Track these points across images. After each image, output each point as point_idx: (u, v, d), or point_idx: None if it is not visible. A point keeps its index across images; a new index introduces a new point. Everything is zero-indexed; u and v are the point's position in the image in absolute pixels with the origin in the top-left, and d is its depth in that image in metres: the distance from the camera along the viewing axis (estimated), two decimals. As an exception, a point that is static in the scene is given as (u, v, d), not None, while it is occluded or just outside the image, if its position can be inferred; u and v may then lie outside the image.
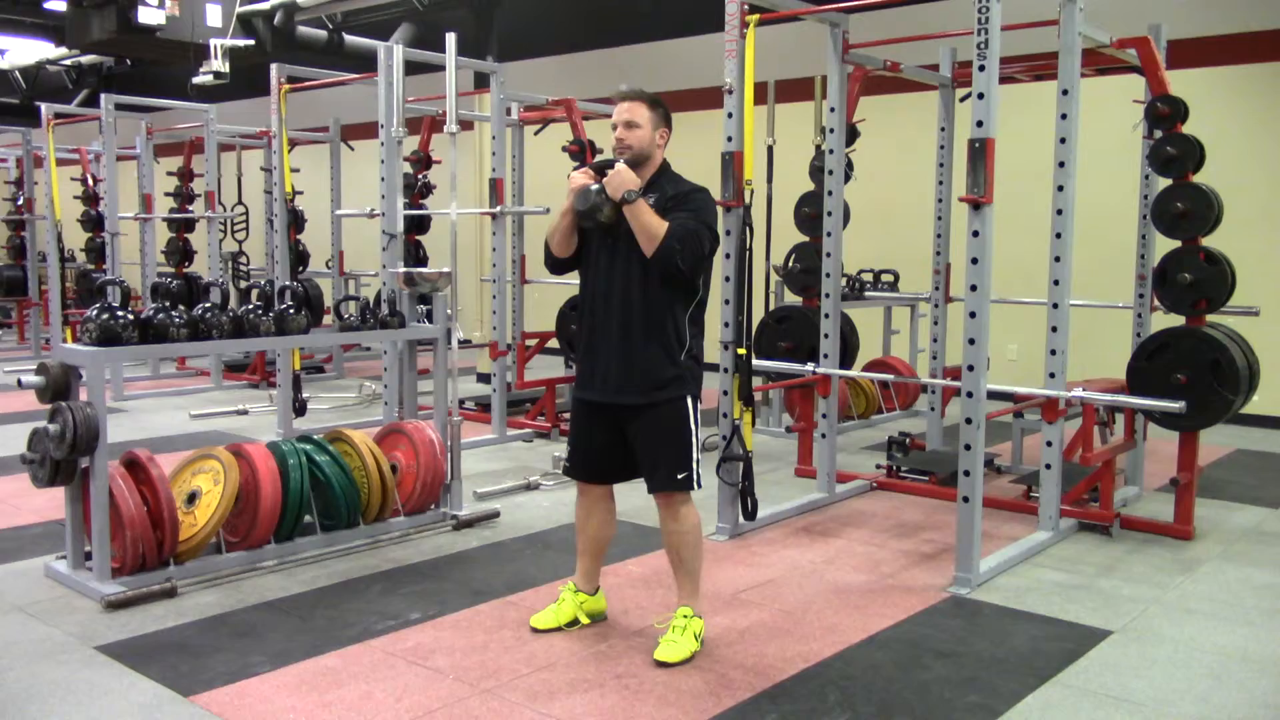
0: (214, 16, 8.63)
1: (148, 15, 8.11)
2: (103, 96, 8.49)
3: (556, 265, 3.66)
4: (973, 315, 4.10)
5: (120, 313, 4.12)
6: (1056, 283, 4.75)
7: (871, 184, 7.37)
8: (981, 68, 4.00)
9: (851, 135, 6.22)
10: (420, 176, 8.37)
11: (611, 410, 3.53)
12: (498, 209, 6.98)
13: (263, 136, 9.73)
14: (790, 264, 6.82)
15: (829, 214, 5.44)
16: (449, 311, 5.19)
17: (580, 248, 3.58)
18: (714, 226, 3.48)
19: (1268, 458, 6.85)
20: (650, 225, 3.34)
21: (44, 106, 9.23)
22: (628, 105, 3.50)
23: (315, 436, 4.77)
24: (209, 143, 9.19)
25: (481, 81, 8.56)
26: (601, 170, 3.44)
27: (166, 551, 4.10)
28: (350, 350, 10.78)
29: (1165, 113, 5.00)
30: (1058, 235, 4.71)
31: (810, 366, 5.48)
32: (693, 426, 3.51)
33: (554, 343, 8.46)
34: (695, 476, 3.50)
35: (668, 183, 3.50)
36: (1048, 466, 4.85)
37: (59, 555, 4.29)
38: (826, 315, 5.50)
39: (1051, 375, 4.80)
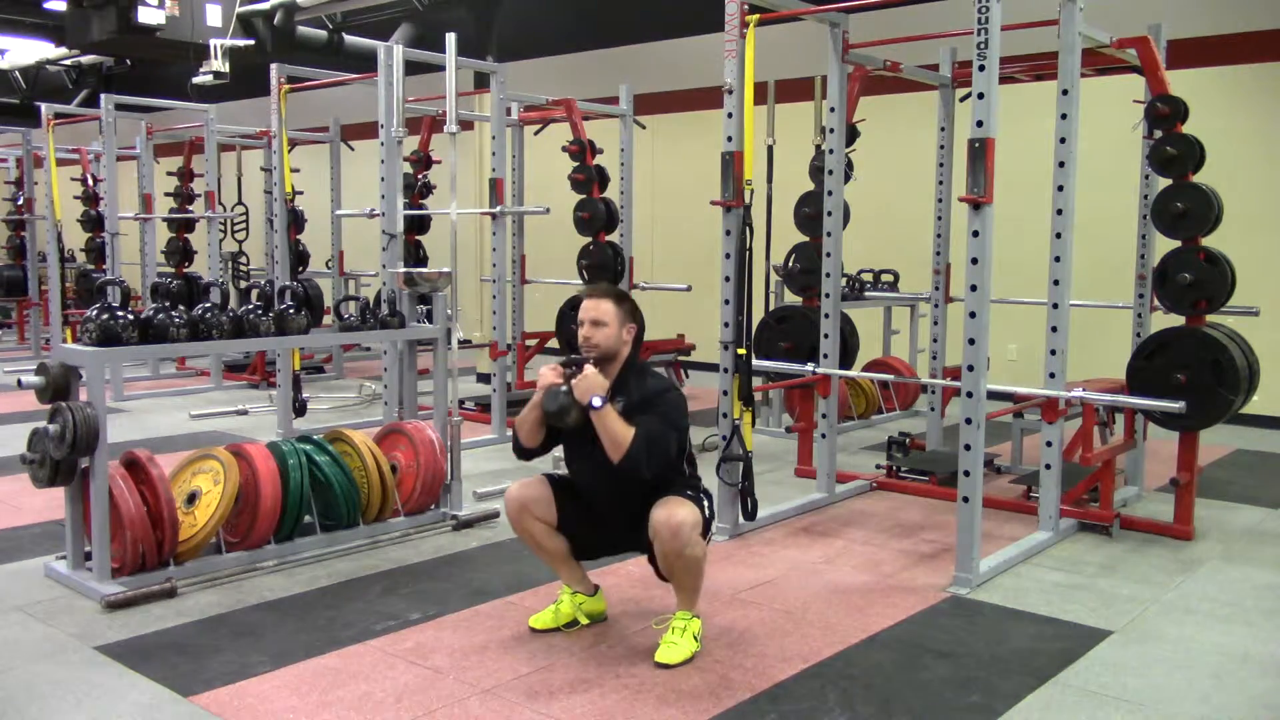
0: (214, 16, 8.64)
1: (148, 15, 8.12)
2: (103, 96, 8.49)
3: (525, 454, 3.70)
4: (973, 315, 4.10)
5: (120, 313, 4.12)
6: (1056, 283, 4.75)
7: (871, 184, 7.36)
8: (981, 68, 4.01)
9: (851, 135, 6.22)
10: (420, 176, 8.38)
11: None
12: (498, 209, 6.98)
13: (263, 136, 9.73)
14: (790, 264, 6.81)
15: (829, 214, 5.44)
16: (449, 311, 5.19)
17: (555, 436, 3.63)
18: (682, 426, 3.49)
19: (1268, 458, 6.85)
20: (615, 433, 3.34)
21: (44, 106, 9.23)
22: (593, 303, 3.53)
23: (315, 436, 4.77)
24: (209, 143, 9.19)
25: (481, 81, 8.56)
26: (571, 369, 3.46)
27: (166, 551, 4.10)
28: (350, 350, 10.77)
29: (1165, 113, 5.00)
30: (1058, 235, 4.71)
31: (810, 366, 5.48)
32: (704, 501, 3.50)
33: (554, 343, 8.46)
34: (706, 509, 3.47)
35: (635, 381, 3.52)
36: (1048, 466, 4.85)
37: (59, 555, 4.29)
38: (826, 315, 5.50)
39: (1051, 375, 4.80)
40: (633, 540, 3.56)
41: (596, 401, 3.36)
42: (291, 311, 4.64)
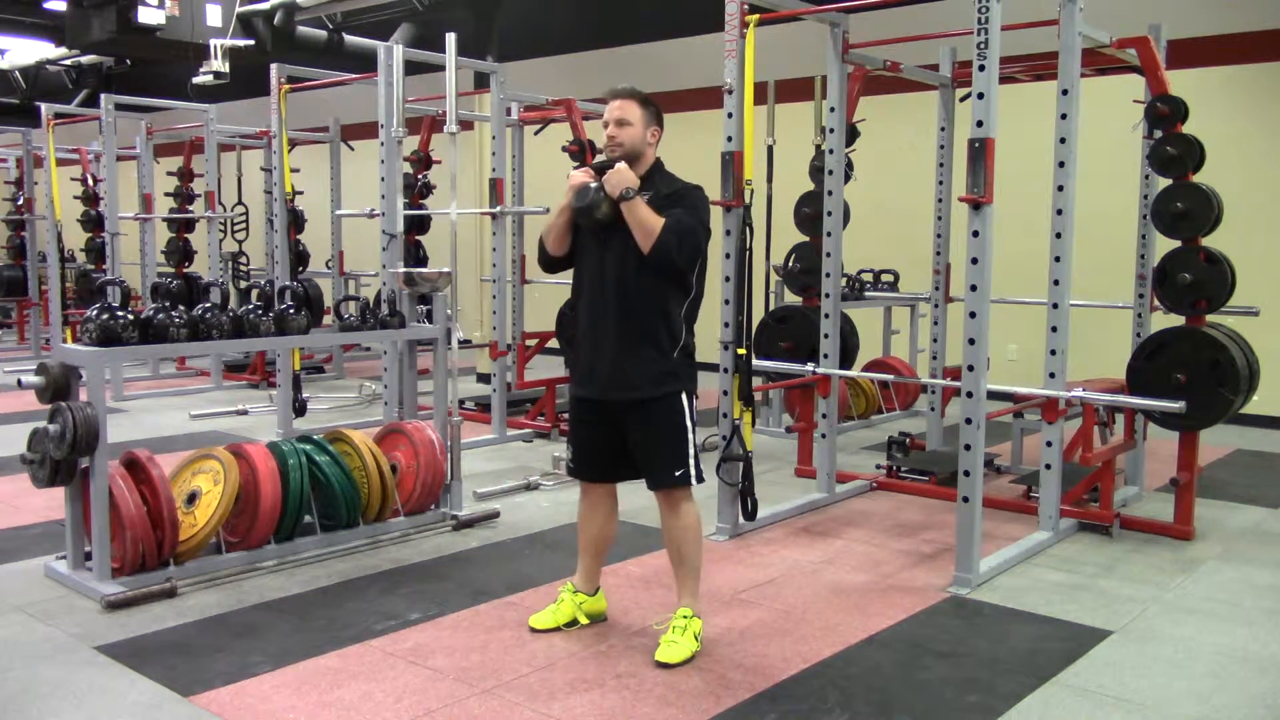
0: (214, 16, 8.63)
1: (148, 15, 8.11)
2: (103, 96, 8.49)
3: (551, 264, 3.68)
4: (973, 315, 4.10)
5: (120, 313, 4.12)
6: (1056, 283, 4.75)
7: (871, 184, 7.37)
8: (981, 68, 4.01)
9: (851, 135, 6.22)
10: (420, 176, 8.37)
11: (607, 407, 3.54)
12: (498, 209, 6.98)
13: (263, 136, 9.72)
14: (790, 264, 6.81)
15: (829, 214, 5.44)
16: (449, 311, 5.19)
17: (574, 247, 3.60)
18: (708, 223, 3.50)
19: (1268, 458, 6.85)
20: (647, 221, 3.37)
21: (44, 106, 9.23)
22: (619, 103, 3.54)
23: (315, 436, 4.77)
24: (209, 143, 9.19)
25: (481, 81, 8.56)
26: (601, 170, 3.47)
27: (166, 551, 4.10)
28: (350, 350, 10.78)
29: (1165, 113, 5.00)
30: (1058, 235, 4.71)
31: (810, 366, 5.48)
32: (688, 423, 3.52)
33: (554, 343, 8.46)
34: (694, 472, 3.51)
35: (661, 180, 3.53)
36: (1048, 466, 4.85)
37: (59, 555, 4.29)
38: (826, 315, 5.50)
39: (1051, 375, 4.80)
40: (627, 424, 3.53)
41: (628, 193, 3.37)
42: (291, 311, 4.64)
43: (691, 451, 3.51)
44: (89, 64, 14.04)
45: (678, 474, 3.48)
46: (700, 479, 3.53)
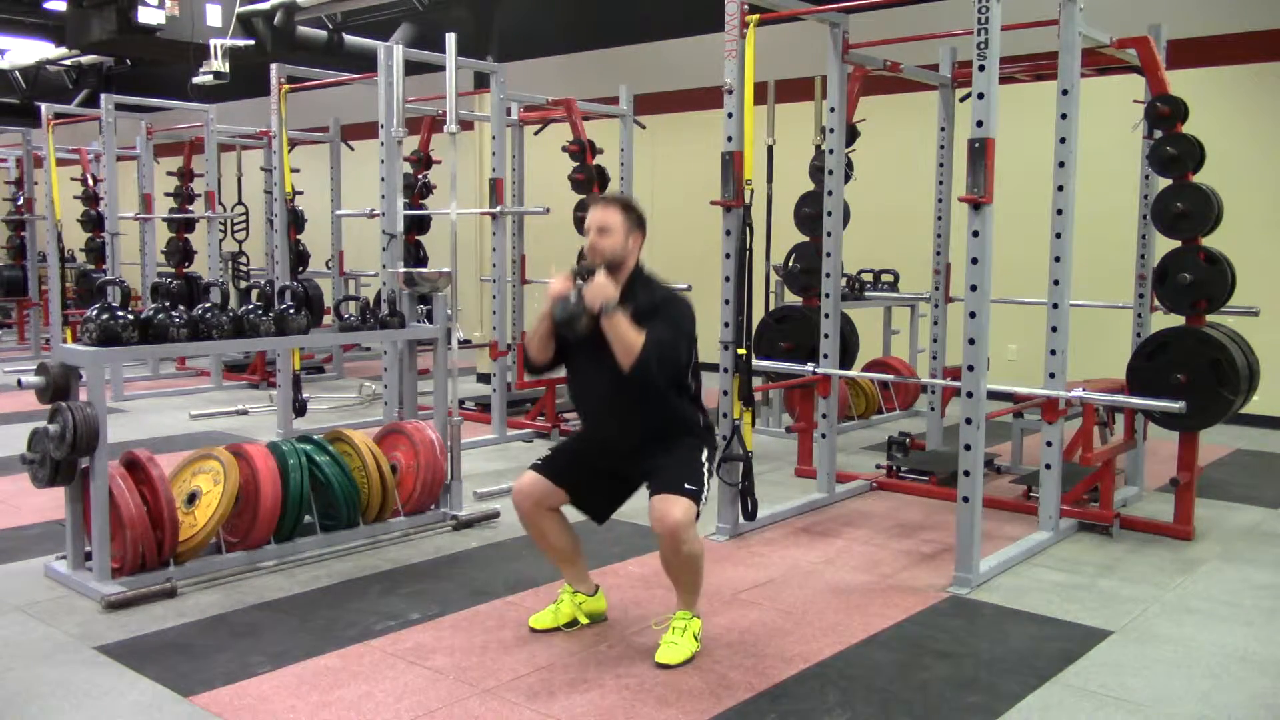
0: (214, 16, 8.64)
1: (148, 15, 8.11)
2: (103, 96, 8.49)
3: (536, 370, 3.67)
4: (973, 315, 4.10)
5: (120, 313, 4.12)
6: (1056, 283, 4.75)
7: (871, 184, 7.36)
8: (981, 68, 4.01)
9: (851, 135, 6.22)
10: (420, 176, 8.37)
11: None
12: (498, 209, 6.98)
13: (263, 136, 9.73)
14: (790, 264, 6.81)
15: (829, 214, 5.44)
16: (449, 311, 5.19)
17: (562, 347, 3.60)
18: (691, 333, 3.50)
19: (1268, 458, 6.85)
20: (626, 339, 3.33)
21: (44, 106, 9.24)
22: (601, 211, 3.52)
23: (315, 436, 4.77)
24: (209, 143, 9.19)
25: (481, 81, 8.56)
26: (581, 276, 3.45)
27: (166, 551, 4.10)
28: (350, 350, 10.78)
29: (1165, 113, 5.00)
30: (1058, 235, 4.71)
31: (810, 367, 5.48)
32: (705, 464, 3.50)
33: (554, 343, 8.45)
34: (701, 498, 3.45)
35: (642, 289, 3.51)
36: (1048, 466, 4.85)
37: (59, 555, 4.29)
38: (826, 315, 5.50)
39: (1051, 375, 4.80)
40: (637, 473, 3.54)
41: (607, 307, 3.35)
42: (291, 311, 4.64)
43: (704, 484, 3.47)
44: (89, 64, 14.05)
45: (689, 486, 3.40)
46: (703, 501, 3.48)
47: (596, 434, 3.63)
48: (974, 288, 4.09)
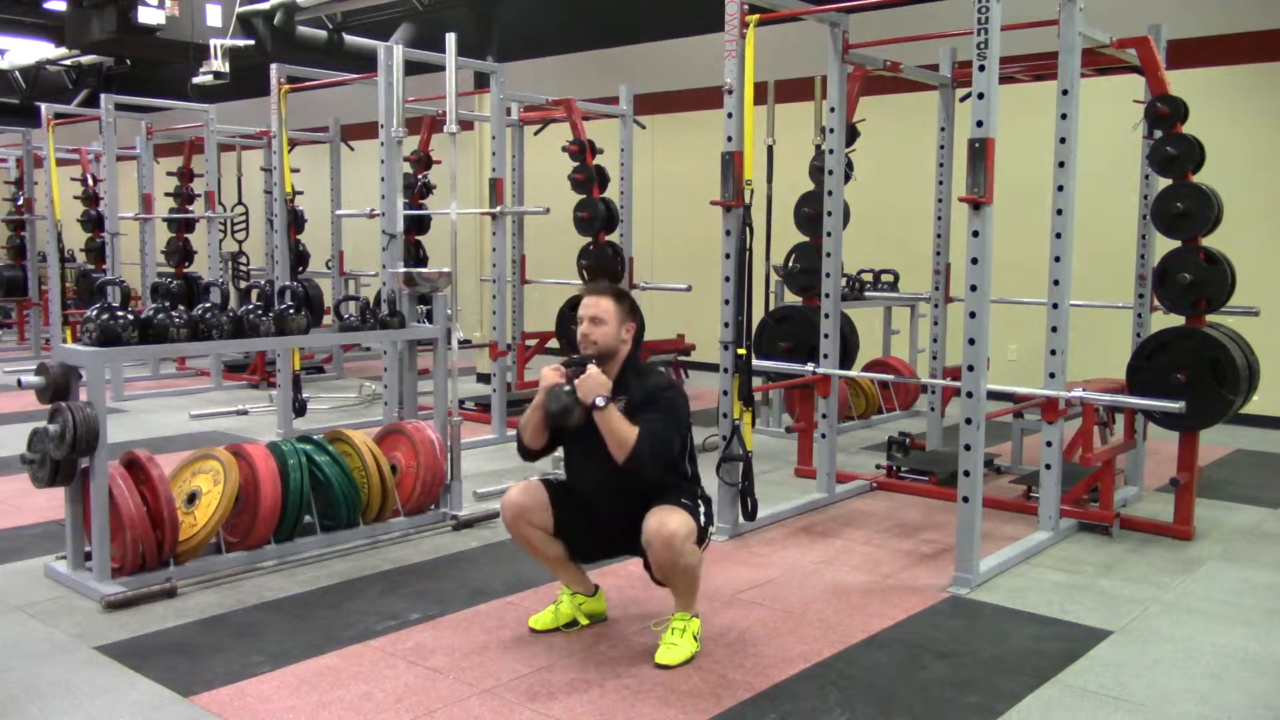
0: (214, 16, 8.64)
1: (148, 15, 8.12)
2: (103, 96, 8.49)
3: (529, 455, 3.69)
4: (973, 315, 4.10)
5: (120, 313, 4.12)
6: (1056, 283, 4.75)
7: (871, 184, 7.37)
8: (981, 68, 4.00)
9: (851, 135, 6.22)
10: (420, 176, 8.38)
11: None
12: (498, 209, 6.98)
13: (263, 136, 9.73)
14: (790, 264, 6.81)
15: (829, 214, 5.44)
16: (449, 311, 5.19)
17: (557, 437, 3.61)
18: (684, 424, 3.50)
19: (1268, 458, 6.85)
20: (619, 433, 3.34)
21: (44, 106, 9.23)
22: (594, 300, 3.53)
23: (315, 436, 4.77)
24: (209, 143, 9.19)
25: (481, 81, 8.56)
26: (573, 368, 3.46)
27: (166, 551, 4.10)
28: (350, 350, 10.77)
29: (1165, 113, 5.00)
30: (1058, 235, 4.71)
31: (810, 366, 5.48)
32: (701, 506, 3.50)
33: (554, 343, 8.47)
34: (701, 519, 3.45)
35: (635, 379, 3.51)
36: (1048, 466, 4.85)
37: (59, 555, 4.29)
38: (826, 315, 5.50)
39: (1051, 375, 4.80)
40: (630, 544, 3.54)
41: (600, 401, 3.36)
42: (291, 311, 4.64)
43: (702, 512, 3.48)
44: (89, 64, 14.05)
45: (685, 501, 3.43)
46: (704, 537, 3.48)
47: (593, 509, 3.63)
48: (974, 288, 4.09)
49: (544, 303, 9.37)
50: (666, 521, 3.33)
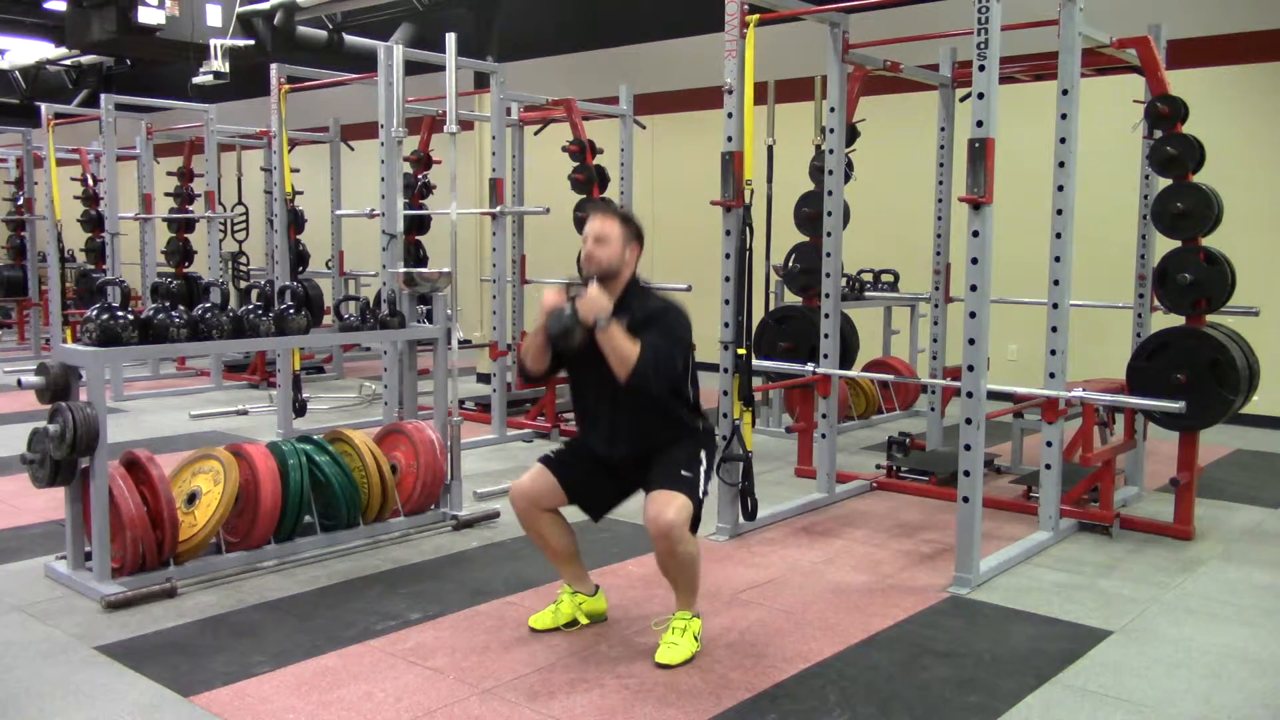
0: (214, 16, 8.65)
1: (148, 15, 8.12)
2: (103, 96, 8.49)
3: (531, 379, 3.68)
4: (973, 315, 4.10)
5: (120, 313, 4.12)
6: (1056, 283, 4.75)
7: (871, 184, 7.36)
8: (981, 68, 4.00)
9: (851, 135, 6.22)
10: (420, 176, 8.37)
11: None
12: (498, 209, 6.98)
13: (263, 136, 9.72)
14: (790, 264, 6.81)
15: (829, 214, 5.44)
16: (449, 311, 5.19)
17: (559, 356, 3.59)
18: (688, 341, 3.49)
19: (1268, 458, 6.85)
20: (622, 351, 3.32)
21: (44, 106, 9.23)
22: (599, 220, 3.52)
23: (315, 436, 4.77)
24: (209, 143, 9.19)
25: (481, 81, 8.57)
26: (574, 290, 3.44)
27: (166, 551, 4.10)
28: (350, 350, 10.78)
29: (1165, 113, 5.00)
30: (1058, 235, 4.71)
31: (810, 366, 5.48)
32: (703, 461, 3.50)
33: (554, 343, 8.45)
34: (700, 494, 3.45)
35: (637, 301, 3.50)
36: (1048, 466, 4.85)
37: (59, 555, 4.29)
38: (826, 315, 5.50)
39: (1051, 375, 4.80)
40: (640, 477, 3.53)
41: (601, 320, 3.33)
42: (291, 311, 4.64)
43: (701, 483, 3.47)
44: (89, 64, 14.05)
45: (685, 473, 3.42)
46: (698, 518, 3.47)
47: (597, 443, 3.62)
48: (974, 288, 4.09)
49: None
50: (663, 512, 3.33)
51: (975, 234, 4.06)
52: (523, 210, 7.61)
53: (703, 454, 3.52)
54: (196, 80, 8.59)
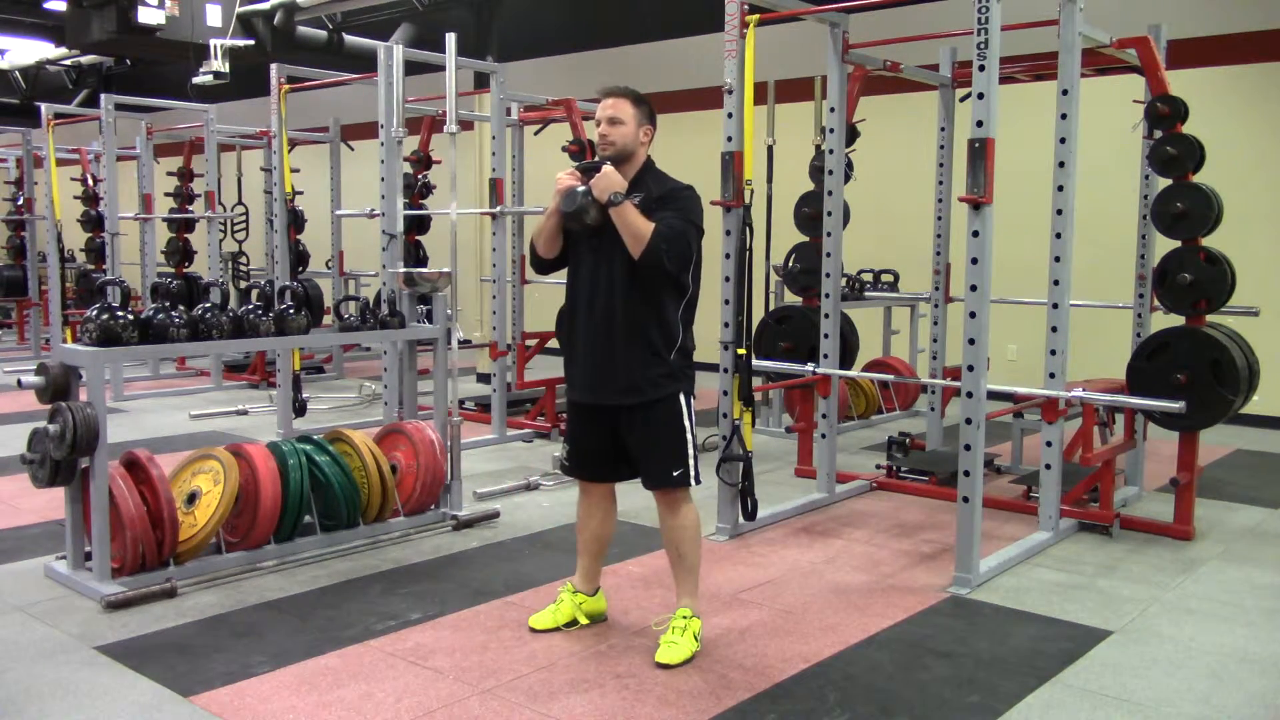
0: (214, 16, 8.63)
1: (148, 15, 8.11)
2: (103, 96, 8.49)
3: (542, 266, 3.65)
4: (973, 315, 4.10)
5: (120, 313, 4.12)
6: (1056, 283, 4.75)
7: (871, 184, 7.37)
8: (981, 68, 4.00)
9: (851, 135, 6.22)
10: (420, 176, 8.37)
11: (603, 412, 3.53)
12: (498, 209, 6.98)
13: (263, 136, 9.73)
14: (790, 264, 6.81)
15: (829, 214, 5.43)
16: (449, 311, 5.19)
17: (567, 248, 3.57)
18: (700, 224, 3.46)
19: (1268, 458, 6.85)
20: (636, 227, 3.31)
21: (44, 106, 9.23)
22: (612, 101, 3.49)
23: (315, 436, 4.77)
24: (209, 143, 9.19)
25: (481, 81, 8.56)
26: (588, 171, 3.41)
27: (166, 551, 4.10)
28: (350, 350, 10.78)
29: (1165, 113, 5.00)
30: (1058, 235, 4.71)
31: (810, 367, 5.48)
32: (687, 424, 3.50)
33: (554, 343, 8.46)
34: (693, 473, 3.49)
35: (652, 181, 3.48)
36: (1048, 466, 4.85)
37: (59, 555, 4.29)
38: (826, 315, 5.50)
39: (1051, 375, 4.80)
40: (628, 435, 3.50)
41: (616, 198, 3.31)
42: (291, 311, 4.63)
43: (691, 452, 3.49)
44: (89, 64, 14.04)
45: (676, 474, 3.46)
46: (698, 480, 3.51)
47: (585, 346, 3.52)
48: (974, 288, 4.09)
49: (544, 303, 9.37)
50: (662, 483, 3.42)
51: (975, 234, 4.06)
52: (523, 210, 7.61)
53: (683, 406, 3.49)
54: (196, 80, 8.58)
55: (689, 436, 3.50)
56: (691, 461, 3.49)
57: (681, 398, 3.50)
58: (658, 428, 3.47)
